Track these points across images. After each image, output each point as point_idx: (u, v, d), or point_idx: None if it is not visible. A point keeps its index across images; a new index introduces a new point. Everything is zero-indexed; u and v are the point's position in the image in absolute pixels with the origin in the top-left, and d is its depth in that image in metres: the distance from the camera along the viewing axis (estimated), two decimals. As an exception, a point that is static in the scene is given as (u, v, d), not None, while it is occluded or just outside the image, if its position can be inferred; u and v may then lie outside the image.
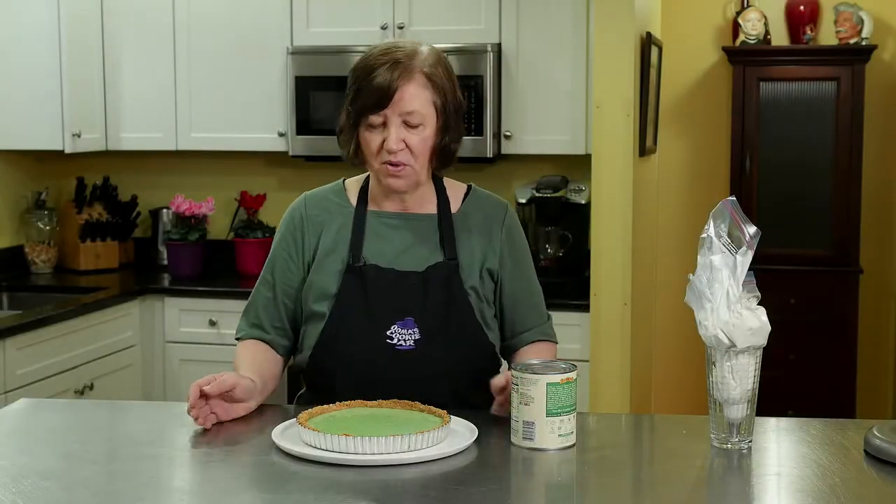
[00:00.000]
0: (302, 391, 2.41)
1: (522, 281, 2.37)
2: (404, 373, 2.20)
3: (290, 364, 2.41)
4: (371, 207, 2.34)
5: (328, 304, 2.27)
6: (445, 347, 2.24)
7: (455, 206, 2.35)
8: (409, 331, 2.24)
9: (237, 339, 2.40)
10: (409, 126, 2.21)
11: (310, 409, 2.06)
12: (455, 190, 2.38)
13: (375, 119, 2.21)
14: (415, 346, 2.23)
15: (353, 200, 2.35)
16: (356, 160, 2.30)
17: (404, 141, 2.21)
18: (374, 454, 1.88)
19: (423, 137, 2.23)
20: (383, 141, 2.21)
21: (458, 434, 2.01)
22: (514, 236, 2.38)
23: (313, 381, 2.35)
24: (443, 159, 2.30)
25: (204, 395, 2.09)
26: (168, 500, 1.81)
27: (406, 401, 2.11)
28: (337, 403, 2.11)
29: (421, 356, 2.22)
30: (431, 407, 2.08)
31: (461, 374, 2.27)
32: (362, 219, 2.32)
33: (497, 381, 2.14)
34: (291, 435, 2.00)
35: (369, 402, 2.11)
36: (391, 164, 2.22)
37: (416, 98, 2.20)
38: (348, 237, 2.31)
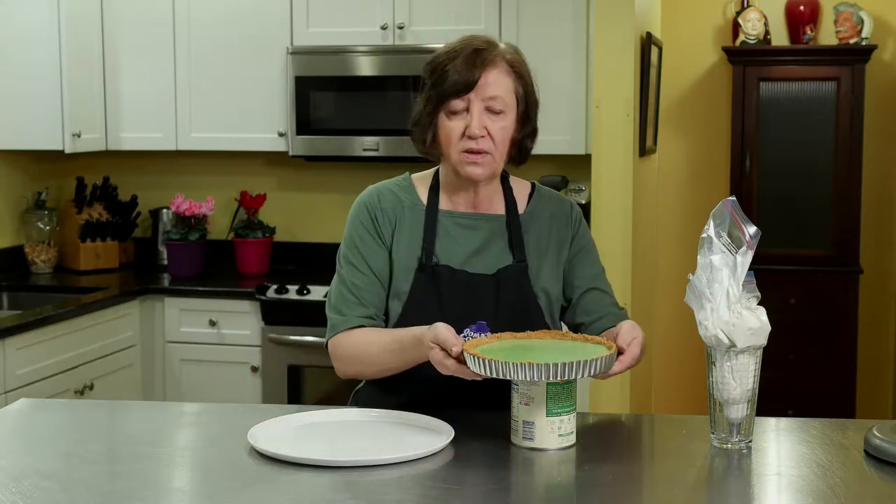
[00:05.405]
0: (360, 386, 2.36)
1: (593, 270, 2.36)
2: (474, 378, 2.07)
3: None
4: (442, 205, 2.30)
5: (400, 303, 2.25)
6: None
7: (521, 205, 2.33)
8: (483, 335, 2.18)
9: (334, 334, 2.26)
10: (491, 113, 2.18)
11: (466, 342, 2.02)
12: (521, 189, 2.35)
13: (458, 104, 2.18)
14: None
15: (424, 197, 2.31)
16: (433, 150, 2.26)
17: (486, 128, 2.18)
18: (356, 458, 1.88)
19: (504, 125, 2.20)
20: (465, 128, 2.18)
21: (436, 434, 2.02)
22: (581, 232, 2.36)
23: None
24: (519, 154, 2.27)
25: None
26: (168, 500, 1.81)
27: (556, 331, 2.14)
28: (489, 335, 2.09)
29: None
30: (586, 335, 2.12)
31: None
32: (434, 217, 2.28)
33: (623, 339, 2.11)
34: (284, 434, 1.99)
35: (518, 334, 2.11)
36: (472, 151, 2.19)
37: (499, 84, 2.18)
38: (420, 234, 2.27)
